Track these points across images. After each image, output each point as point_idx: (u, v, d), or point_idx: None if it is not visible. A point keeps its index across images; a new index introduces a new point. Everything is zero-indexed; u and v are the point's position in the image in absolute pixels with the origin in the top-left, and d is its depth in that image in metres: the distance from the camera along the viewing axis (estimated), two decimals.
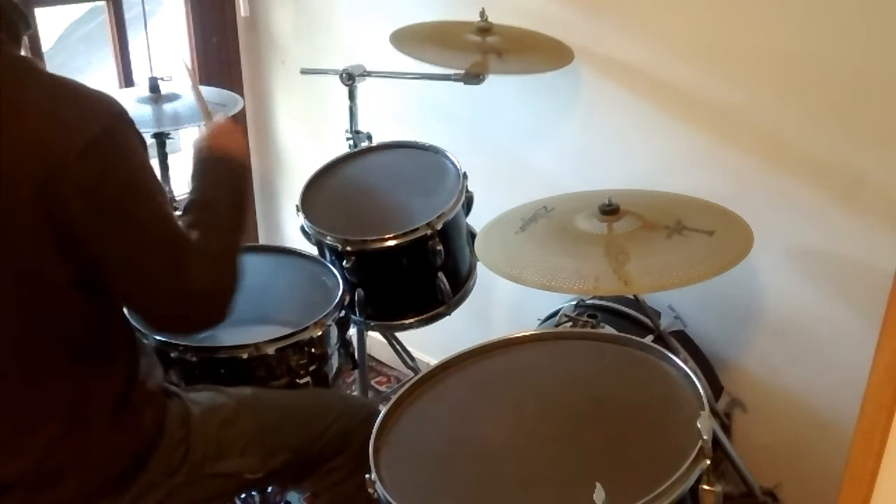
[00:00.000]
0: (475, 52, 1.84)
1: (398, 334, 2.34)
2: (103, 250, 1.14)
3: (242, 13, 2.75)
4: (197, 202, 1.31)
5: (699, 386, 1.21)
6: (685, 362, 1.31)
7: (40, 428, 1.21)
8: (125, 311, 1.30)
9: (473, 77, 1.81)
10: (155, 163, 2.16)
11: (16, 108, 1.10)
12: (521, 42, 1.87)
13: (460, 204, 1.82)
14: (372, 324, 1.91)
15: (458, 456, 1.22)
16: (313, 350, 1.60)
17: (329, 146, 2.31)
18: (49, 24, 2.76)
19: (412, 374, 2.34)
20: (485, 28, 1.86)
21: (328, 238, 1.77)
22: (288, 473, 1.46)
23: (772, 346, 1.86)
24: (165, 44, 2.72)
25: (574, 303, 1.87)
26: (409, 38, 1.90)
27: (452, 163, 1.91)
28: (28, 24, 1.20)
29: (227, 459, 1.37)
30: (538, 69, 1.78)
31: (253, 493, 1.80)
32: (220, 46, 2.79)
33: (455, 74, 1.83)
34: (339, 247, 1.75)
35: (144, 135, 1.22)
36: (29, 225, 1.09)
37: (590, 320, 1.69)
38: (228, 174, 1.35)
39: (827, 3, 1.57)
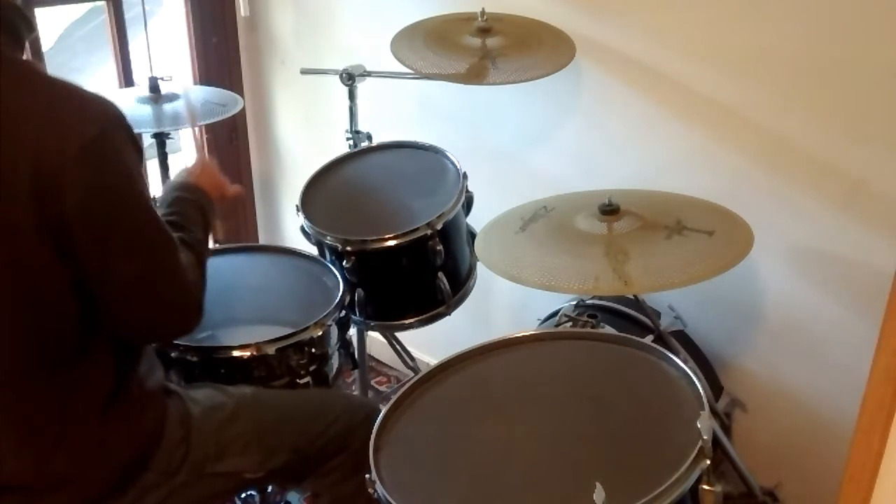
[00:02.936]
0: (474, 56, 1.83)
1: (398, 334, 2.34)
2: (90, 253, 1.14)
3: (242, 13, 2.76)
4: (175, 224, 1.38)
5: (699, 386, 1.21)
6: (685, 362, 1.31)
7: (36, 430, 1.21)
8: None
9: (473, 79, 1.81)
10: (155, 163, 2.16)
11: (15, 110, 1.10)
12: (521, 41, 1.87)
13: (460, 204, 1.82)
14: (372, 324, 1.91)
15: (459, 456, 1.22)
16: (313, 350, 1.60)
17: (329, 146, 2.31)
18: (49, 24, 2.76)
19: (412, 374, 2.34)
20: (485, 28, 1.86)
21: (328, 238, 1.77)
22: (288, 473, 1.46)
23: (772, 346, 1.86)
24: (165, 44, 2.72)
25: (574, 303, 1.87)
26: (408, 45, 1.89)
27: (452, 163, 1.91)
28: (31, 27, 1.21)
29: (228, 459, 1.37)
30: (539, 73, 1.78)
31: (253, 493, 1.80)
32: (220, 46, 2.79)
33: (455, 75, 1.83)
34: (339, 247, 1.75)
35: (144, 135, 1.23)
36: (28, 226, 1.09)
37: (590, 320, 1.69)
38: (202, 205, 1.47)
39: (828, 4, 1.57)
